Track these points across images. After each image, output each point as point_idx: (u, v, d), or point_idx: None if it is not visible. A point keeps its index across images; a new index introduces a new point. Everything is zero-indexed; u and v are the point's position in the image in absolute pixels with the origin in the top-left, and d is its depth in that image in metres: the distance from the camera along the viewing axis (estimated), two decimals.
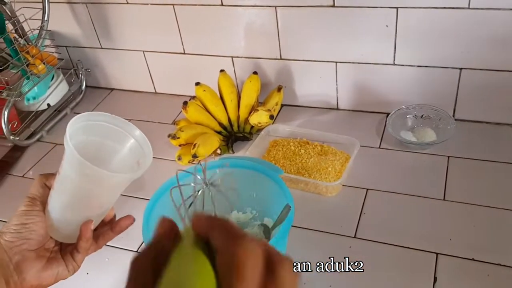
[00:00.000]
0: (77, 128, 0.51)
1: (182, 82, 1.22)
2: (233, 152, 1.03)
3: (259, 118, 1.02)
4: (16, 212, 0.56)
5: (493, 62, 0.92)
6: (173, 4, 1.09)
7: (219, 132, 1.07)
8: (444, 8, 0.89)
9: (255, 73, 1.09)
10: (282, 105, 1.15)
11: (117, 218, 0.61)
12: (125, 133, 0.55)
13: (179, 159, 1.00)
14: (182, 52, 1.17)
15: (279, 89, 1.10)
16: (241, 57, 1.12)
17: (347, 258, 0.76)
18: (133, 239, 0.85)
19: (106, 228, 0.60)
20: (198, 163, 0.99)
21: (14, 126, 1.14)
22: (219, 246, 0.28)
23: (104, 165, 0.54)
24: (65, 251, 0.58)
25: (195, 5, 1.07)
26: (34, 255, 0.55)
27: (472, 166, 0.91)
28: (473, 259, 0.74)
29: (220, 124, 1.08)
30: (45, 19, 1.16)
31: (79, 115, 0.51)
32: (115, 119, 0.54)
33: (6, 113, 1.10)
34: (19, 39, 1.08)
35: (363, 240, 0.80)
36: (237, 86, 1.16)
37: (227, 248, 0.27)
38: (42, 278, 0.55)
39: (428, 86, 1.00)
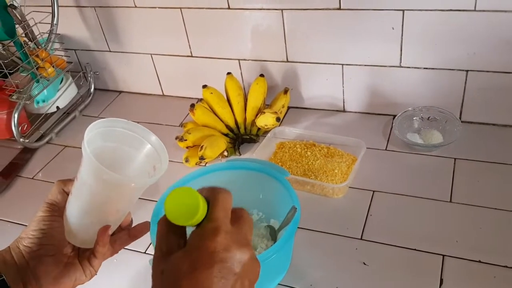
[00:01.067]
0: (94, 134, 0.51)
1: (189, 85, 1.23)
2: (240, 154, 1.04)
3: (266, 120, 1.03)
4: (34, 217, 0.56)
5: (500, 64, 0.92)
6: (180, 8, 1.10)
7: (226, 135, 1.08)
8: (450, 10, 0.89)
9: (261, 75, 1.09)
10: (289, 107, 1.15)
11: (134, 224, 0.62)
12: (141, 138, 0.55)
13: (187, 161, 1.00)
14: (190, 55, 1.18)
15: (286, 91, 1.10)
16: (248, 59, 1.13)
17: (353, 260, 0.77)
18: (141, 241, 0.86)
19: (123, 233, 0.60)
20: (205, 165, 1.00)
21: (24, 129, 1.16)
22: (207, 193, 0.42)
23: (121, 171, 0.54)
24: (82, 256, 0.58)
25: (202, 8, 1.08)
26: (52, 260, 0.55)
27: (479, 168, 0.91)
28: (479, 261, 0.74)
29: (227, 126, 1.09)
30: (55, 23, 1.17)
31: (96, 121, 0.52)
32: (131, 125, 0.55)
33: (16, 115, 1.11)
34: (29, 42, 1.10)
35: (370, 242, 0.80)
36: (244, 88, 1.16)
37: (211, 193, 0.42)
38: (60, 284, 0.56)
39: (434, 88, 1.00)
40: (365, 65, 1.02)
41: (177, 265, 0.39)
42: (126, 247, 0.86)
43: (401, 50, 0.97)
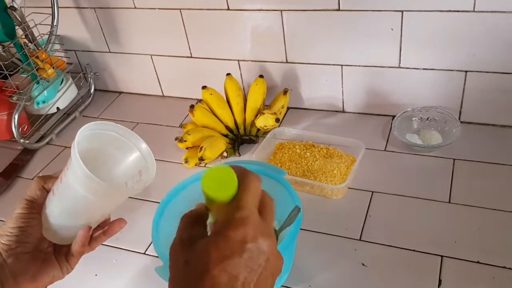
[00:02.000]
0: (82, 137, 0.51)
1: (189, 85, 1.23)
2: (240, 155, 1.04)
3: (265, 121, 1.03)
4: (13, 214, 0.56)
5: (499, 65, 0.92)
6: (180, 9, 1.10)
7: (225, 135, 1.08)
8: (449, 11, 0.89)
9: (261, 76, 1.09)
10: (288, 108, 1.15)
11: (111, 220, 0.62)
12: (129, 143, 0.55)
13: (186, 162, 1.01)
14: (189, 55, 1.18)
15: (285, 92, 1.10)
16: (248, 60, 1.13)
17: (352, 261, 0.77)
18: (141, 242, 0.87)
19: (100, 231, 0.60)
20: (204, 166, 1.00)
21: (24, 130, 1.16)
22: (240, 175, 0.42)
23: (105, 173, 0.54)
24: (59, 253, 0.58)
25: (202, 9, 1.08)
26: (29, 257, 0.55)
27: (478, 168, 0.91)
28: (478, 262, 0.74)
29: (227, 127, 1.09)
30: (55, 24, 1.18)
31: (86, 125, 0.52)
32: (120, 129, 0.54)
33: (16, 116, 1.11)
34: (29, 44, 1.10)
35: (369, 242, 0.80)
36: (244, 89, 1.17)
37: (243, 176, 0.42)
38: (38, 281, 0.56)
39: (433, 89, 1.00)
40: (364, 66, 1.03)
41: (204, 253, 0.38)
42: (126, 248, 0.87)
43: (400, 51, 0.98)
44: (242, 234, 0.39)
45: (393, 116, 1.04)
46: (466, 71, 0.95)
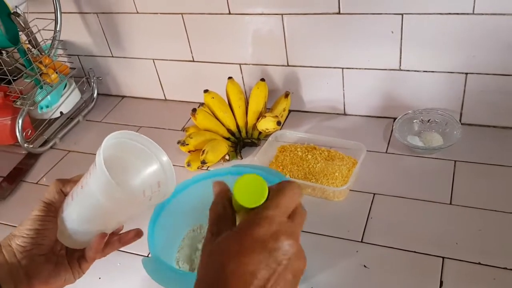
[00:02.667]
0: (108, 145, 0.51)
1: (191, 89, 1.24)
2: (241, 158, 1.05)
3: (267, 124, 1.04)
4: (30, 216, 0.56)
5: (499, 67, 0.93)
6: (182, 13, 1.11)
7: (227, 139, 1.09)
8: (449, 14, 0.89)
9: (262, 80, 1.10)
10: (290, 111, 1.16)
11: (124, 229, 0.62)
12: (152, 154, 0.55)
13: (188, 165, 1.01)
14: (191, 59, 1.19)
15: (287, 95, 1.11)
16: (249, 64, 1.14)
17: (354, 263, 0.77)
18: (145, 245, 0.87)
19: (115, 239, 0.61)
20: (206, 169, 1.01)
21: (28, 134, 1.17)
22: (281, 183, 0.43)
23: (125, 181, 0.54)
24: (72, 257, 0.58)
25: (203, 14, 1.09)
26: (43, 260, 0.56)
27: (479, 170, 0.91)
28: (479, 263, 0.74)
29: (229, 130, 1.10)
30: (58, 29, 1.19)
31: (112, 133, 0.52)
32: (144, 140, 0.54)
33: (20, 121, 1.12)
34: (33, 49, 1.11)
35: (370, 244, 0.81)
36: (245, 92, 1.17)
37: (285, 183, 0.43)
38: (51, 284, 0.56)
39: (434, 91, 1.01)
40: (365, 69, 1.03)
41: (225, 246, 0.39)
42: (130, 251, 0.87)
43: (400, 54, 0.98)
44: (264, 231, 0.39)
45: (394, 118, 1.04)
46: (466, 73, 0.96)
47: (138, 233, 0.62)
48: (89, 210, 0.54)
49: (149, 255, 0.86)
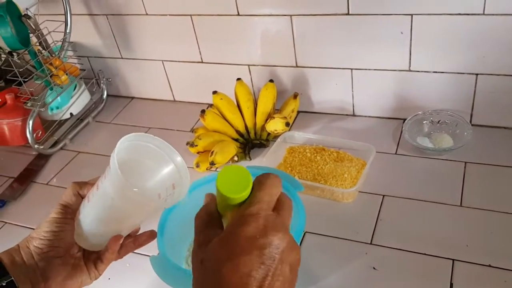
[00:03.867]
0: (122, 147, 0.51)
1: (200, 90, 1.24)
2: (250, 159, 1.05)
3: (276, 125, 1.04)
4: (47, 218, 0.57)
5: (510, 67, 0.92)
6: (190, 15, 1.12)
7: (236, 140, 1.09)
8: (459, 14, 0.89)
9: (271, 81, 1.10)
10: (298, 112, 1.16)
11: (140, 231, 0.63)
12: (166, 156, 0.55)
13: (197, 166, 1.02)
14: (200, 61, 1.20)
15: (295, 96, 1.11)
16: (258, 65, 1.14)
17: (363, 265, 0.77)
18: (154, 246, 0.87)
19: (130, 240, 0.62)
20: (215, 170, 1.01)
21: (39, 135, 1.18)
22: (258, 176, 0.43)
23: (140, 183, 0.55)
24: (88, 258, 0.59)
25: (212, 15, 1.09)
26: (60, 262, 0.56)
27: (490, 171, 0.90)
28: (489, 266, 0.74)
29: (237, 131, 1.10)
30: (68, 31, 1.20)
31: (125, 136, 0.52)
32: (157, 141, 0.54)
33: (30, 122, 1.13)
34: (43, 51, 1.12)
35: (380, 246, 0.80)
36: (254, 93, 1.17)
37: (261, 176, 0.43)
38: (67, 285, 0.57)
39: (444, 92, 1.00)
40: (374, 70, 1.03)
41: (216, 252, 0.39)
42: (139, 252, 0.87)
43: (410, 54, 0.98)
44: (251, 229, 0.39)
45: (404, 120, 1.04)
46: (476, 74, 0.95)
47: (152, 235, 0.63)
48: (105, 211, 0.54)
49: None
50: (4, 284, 0.52)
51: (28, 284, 0.54)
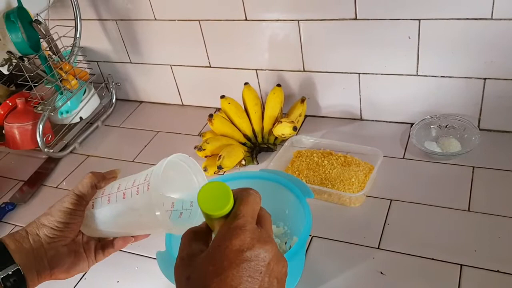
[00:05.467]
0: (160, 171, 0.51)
1: (208, 95, 1.25)
2: (258, 163, 1.05)
3: (283, 129, 1.04)
4: (61, 207, 0.56)
5: None
6: (199, 20, 1.13)
7: (243, 144, 1.09)
8: (467, 19, 0.89)
9: (278, 85, 1.11)
10: (306, 116, 1.16)
11: None
12: (193, 175, 0.54)
13: (205, 170, 1.02)
14: (208, 65, 1.20)
15: (303, 100, 1.11)
16: (265, 69, 1.15)
17: (370, 269, 0.77)
18: (162, 249, 0.88)
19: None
20: (223, 174, 1.02)
21: (49, 139, 1.19)
22: (238, 192, 0.44)
23: (164, 194, 0.55)
24: (88, 246, 0.59)
25: (220, 20, 1.10)
26: (66, 250, 0.57)
27: (498, 176, 0.90)
28: (498, 271, 0.73)
29: (245, 135, 1.11)
30: (77, 36, 1.21)
31: (170, 157, 0.52)
32: (190, 161, 0.54)
33: (41, 126, 1.15)
34: (53, 56, 1.14)
35: (387, 251, 0.80)
36: (261, 98, 1.18)
37: (242, 191, 0.43)
38: (69, 273, 0.58)
39: (452, 96, 1.00)
40: (381, 74, 1.03)
41: (203, 267, 0.39)
42: (147, 255, 0.88)
43: (418, 59, 0.98)
44: (238, 243, 0.39)
45: (411, 124, 1.04)
46: (484, 79, 0.95)
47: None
48: (126, 220, 0.54)
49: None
50: (10, 273, 0.52)
51: (34, 270, 0.54)
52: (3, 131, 1.21)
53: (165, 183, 0.53)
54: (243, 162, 1.04)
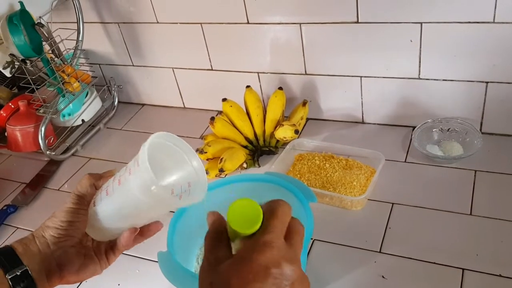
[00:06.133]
0: (150, 145, 0.51)
1: (210, 98, 1.25)
2: (259, 166, 1.05)
3: (284, 132, 1.04)
4: (63, 208, 0.57)
5: None
6: (201, 23, 1.13)
7: (245, 147, 1.09)
8: (469, 22, 0.89)
9: (280, 88, 1.11)
10: (307, 119, 1.16)
11: None
12: (185, 156, 0.54)
13: (207, 173, 1.02)
14: (210, 68, 1.20)
15: (304, 103, 1.11)
16: (267, 72, 1.15)
17: (372, 273, 0.77)
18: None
19: (137, 232, 0.62)
20: (224, 177, 1.02)
21: (51, 141, 1.19)
22: (268, 204, 0.43)
23: (159, 180, 0.54)
24: (99, 249, 0.59)
25: (222, 23, 1.10)
26: (75, 251, 0.57)
27: (500, 180, 0.90)
28: (500, 275, 0.73)
29: (246, 138, 1.11)
30: (80, 39, 1.22)
31: (153, 135, 0.52)
32: (180, 142, 0.54)
33: (43, 129, 1.15)
34: (55, 59, 1.14)
35: (389, 255, 0.80)
36: (263, 101, 1.18)
37: (271, 203, 0.43)
38: (80, 275, 0.57)
39: (454, 100, 1.00)
40: (383, 77, 1.03)
41: (227, 276, 0.39)
42: (149, 258, 0.88)
43: (419, 62, 0.98)
44: (265, 259, 0.39)
45: (413, 127, 1.03)
46: (487, 82, 0.95)
47: (157, 225, 0.62)
48: (126, 206, 0.54)
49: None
50: (18, 273, 0.52)
51: (43, 273, 0.54)
52: (5, 134, 1.22)
53: (157, 167, 0.53)
54: (245, 165, 1.04)
